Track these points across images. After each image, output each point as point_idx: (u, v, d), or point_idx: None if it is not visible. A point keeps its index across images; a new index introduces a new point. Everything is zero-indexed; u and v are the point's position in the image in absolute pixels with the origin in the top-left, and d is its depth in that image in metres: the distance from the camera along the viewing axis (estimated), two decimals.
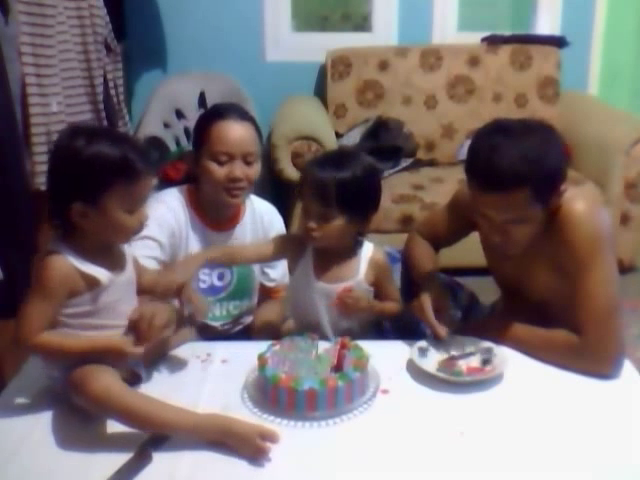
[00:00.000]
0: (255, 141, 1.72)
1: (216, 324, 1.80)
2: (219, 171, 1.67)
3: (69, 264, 1.22)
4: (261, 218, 1.85)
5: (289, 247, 1.62)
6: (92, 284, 1.24)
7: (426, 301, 1.52)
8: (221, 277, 1.80)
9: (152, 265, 1.57)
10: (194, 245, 1.72)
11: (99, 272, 1.25)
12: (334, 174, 1.48)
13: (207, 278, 1.77)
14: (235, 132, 1.68)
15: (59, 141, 1.26)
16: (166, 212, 1.69)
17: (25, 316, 1.21)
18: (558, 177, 1.38)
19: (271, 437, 1.16)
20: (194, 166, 1.73)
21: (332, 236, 1.51)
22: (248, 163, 1.69)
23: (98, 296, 1.26)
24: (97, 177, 1.19)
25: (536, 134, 1.37)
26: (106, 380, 1.19)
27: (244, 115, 1.74)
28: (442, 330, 1.47)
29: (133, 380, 1.33)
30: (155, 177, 1.33)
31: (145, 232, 1.38)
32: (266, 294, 1.93)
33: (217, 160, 1.67)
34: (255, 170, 1.71)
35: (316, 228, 1.50)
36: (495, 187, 1.34)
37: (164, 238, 1.66)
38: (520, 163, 1.31)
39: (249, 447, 1.15)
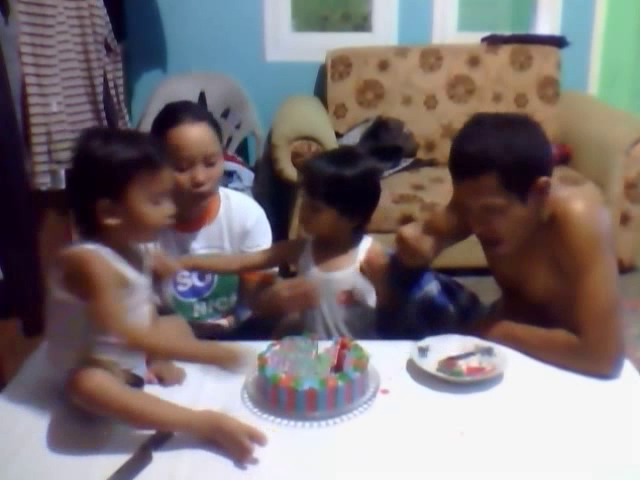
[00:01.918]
0: (213, 140, 1.68)
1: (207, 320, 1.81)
2: (182, 178, 1.63)
3: (104, 259, 1.22)
4: (235, 214, 1.81)
5: (289, 250, 1.72)
6: (122, 284, 1.24)
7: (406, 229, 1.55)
8: (201, 277, 1.78)
9: None
10: (170, 249, 1.69)
11: (128, 271, 1.26)
12: (324, 168, 1.56)
13: (187, 280, 1.77)
14: (192, 136, 1.64)
15: (78, 144, 1.27)
16: None
17: (106, 318, 1.19)
18: (531, 166, 1.39)
19: (258, 439, 1.16)
20: None
21: (322, 227, 1.60)
22: (210, 164, 1.66)
23: (124, 297, 1.25)
24: (119, 172, 1.21)
25: (510, 124, 1.42)
26: (99, 378, 1.19)
27: (198, 115, 1.69)
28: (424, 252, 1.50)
29: (135, 383, 1.33)
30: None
31: None
32: (248, 276, 1.85)
33: (178, 167, 1.60)
34: (218, 169, 1.69)
35: (307, 219, 1.60)
36: (465, 173, 1.41)
37: None
38: (487, 149, 1.36)
39: (235, 445, 1.15)
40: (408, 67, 3.53)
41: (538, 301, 1.56)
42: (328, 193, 1.54)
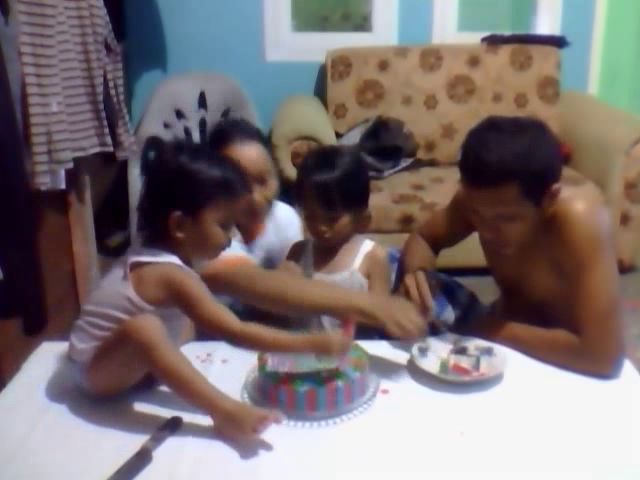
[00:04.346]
0: (266, 159, 1.68)
1: None
2: None
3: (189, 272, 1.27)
4: (281, 222, 1.84)
5: (294, 256, 1.69)
6: None
7: (409, 278, 1.53)
8: None
9: None
10: None
11: None
12: (332, 176, 1.55)
13: None
14: (244, 156, 1.63)
15: (166, 153, 1.29)
16: None
17: (222, 322, 1.24)
18: (548, 175, 1.39)
19: (276, 419, 1.17)
20: None
21: (342, 231, 1.61)
22: (264, 182, 1.67)
23: (172, 319, 1.28)
24: (201, 191, 1.25)
25: (527, 132, 1.38)
26: (159, 330, 1.20)
27: (249, 133, 1.69)
28: (429, 311, 1.48)
29: (147, 383, 1.33)
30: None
31: None
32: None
33: None
34: (272, 187, 1.69)
35: (326, 230, 1.59)
36: (483, 182, 1.37)
37: None
38: (508, 159, 1.33)
39: (245, 427, 1.16)
40: (408, 67, 3.53)
41: (538, 301, 1.56)
42: (344, 198, 1.55)
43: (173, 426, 1.22)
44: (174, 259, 1.27)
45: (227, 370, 1.43)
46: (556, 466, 1.15)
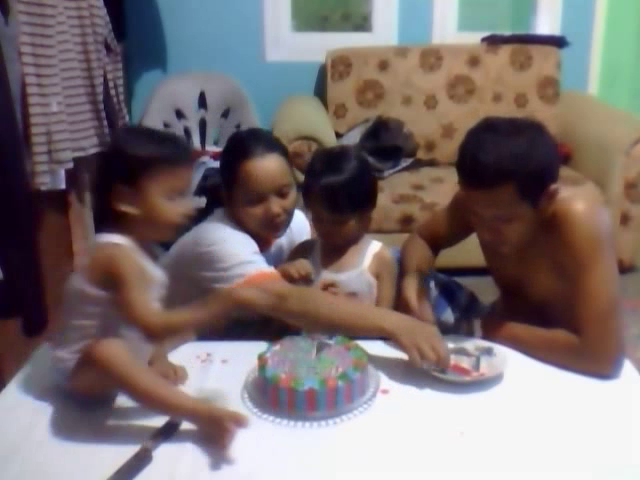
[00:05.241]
0: (286, 170, 1.65)
1: None
2: (256, 211, 1.62)
3: (131, 252, 1.25)
4: (293, 230, 1.81)
5: (300, 255, 1.70)
6: (143, 278, 1.25)
7: (408, 288, 1.54)
8: None
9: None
10: None
11: (149, 267, 1.28)
12: (339, 180, 1.56)
13: None
14: (264, 169, 1.60)
15: (111, 139, 1.34)
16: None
17: (139, 310, 1.20)
18: (545, 176, 1.39)
19: (241, 421, 1.16)
20: (227, 203, 1.69)
21: (349, 233, 1.63)
22: (283, 195, 1.64)
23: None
24: (136, 162, 1.25)
25: (524, 132, 1.38)
26: (117, 348, 1.20)
27: (270, 145, 1.65)
28: (427, 317, 1.49)
29: None
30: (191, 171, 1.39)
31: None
32: None
33: (251, 201, 1.61)
34: (291, 200, 1.66)
35: (334, 233, 1.61)
36: (480, 183, 1.37)
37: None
38: (504, 160, 1.33)
39: (220, 430, 1.15)
40: (408, 67, 3.53)
41: (538, 301, 1.56)
42: (350, 202, 1.57)
43: (173, 426, 1.22)
44: (120, 239, 1.25)
45: (227, 370, 1.44)
46: (556, 466, 1.14)
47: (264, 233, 1.69)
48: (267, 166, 1.61)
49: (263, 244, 1.73)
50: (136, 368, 1.20)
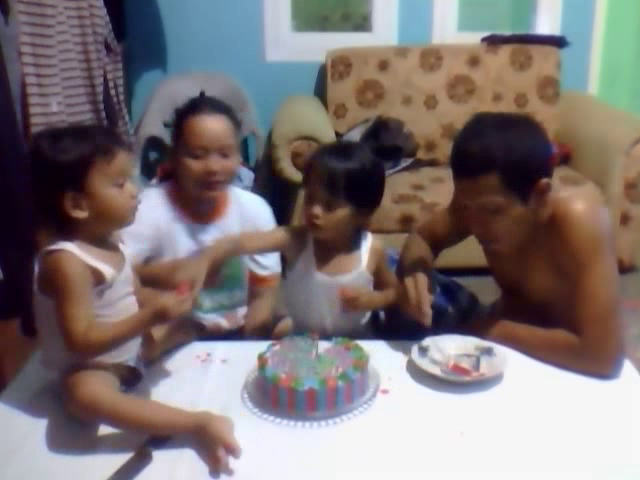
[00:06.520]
0: (231, 133, 1.72)
1: (208, 317, 1.80)
2: (195, 165, 1.68)
3: (79, 259, 1.23)
4: (247, 211, 1.84)
5: (292, 239, 1.58)
6: (98, 280, 1.25)
7: (409, 283, 1.51)
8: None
9: (138, 259, 1.58)
10: (182, 239, 1.73)
11: (104, 268, 1.26)
12: (344, 163, 1.50)
13: None
14: (209, 126, 1.69)
15: (30, 150, 1.29)
16: (147, 208, 1.57)
17: (68, 322, 1.19)
18: (532, 168, 1.39)
19: (233, 451, 1.15)
20: (172, 161, 1.75)
21: (335, 226, 1.51)
22: (225, 156, 1.70)
23: (103, 293, 1.26)
24: (74, 166, 1.22)
25: (512, 125, 1.41)
26: (92, 386, 1.20)
27: (218, 107, 1.73)
28: (426, 317, 1.46)
29: (133, 377, 1.33)
30: (132, 153, 1.38)
31: (128, 228, 1.37)
32: (258, 283, 1.90)
33: (193, 155, 1.68)
34: (233, 162, 1.72)
35: (320, 215, 1.50)
36: (465, 172, 1.41)
37: (148, 232, 1.67)
38: (490, 149, 1.36)
39: (210, 453, 1.15)
40: (408, 67, 3.53)
41: (538, 301, 1.56)
42: (349, 187, 1.49)
43: None
44: (68, 245, 1.23)
45: (227, 370, 1.44)
46: (556, 466, 1.15)
47: (198, 191, 1.71)
48: (212, 123, 1.69)
49: (204, 216, 1.76)
50: (120, 407, 1.19)
